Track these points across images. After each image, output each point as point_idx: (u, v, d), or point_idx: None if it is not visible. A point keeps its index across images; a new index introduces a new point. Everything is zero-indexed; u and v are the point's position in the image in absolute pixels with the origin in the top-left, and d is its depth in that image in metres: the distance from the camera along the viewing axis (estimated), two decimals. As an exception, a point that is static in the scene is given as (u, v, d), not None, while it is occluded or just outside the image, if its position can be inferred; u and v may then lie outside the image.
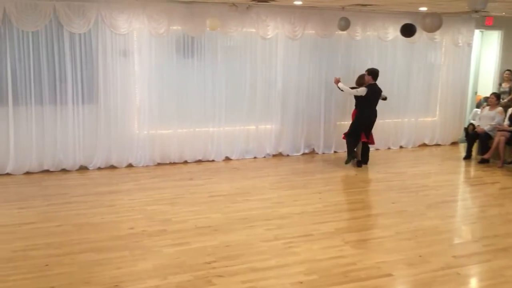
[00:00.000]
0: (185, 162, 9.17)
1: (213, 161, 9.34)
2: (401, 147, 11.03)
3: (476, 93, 12.19)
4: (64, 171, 8.37)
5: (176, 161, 9.11)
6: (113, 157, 8.66)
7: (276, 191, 7.59)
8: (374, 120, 9.14)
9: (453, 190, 8.23)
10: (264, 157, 9.77)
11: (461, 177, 9.22)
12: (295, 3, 8.64)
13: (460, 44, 11.05)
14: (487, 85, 11.91)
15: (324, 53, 9.88)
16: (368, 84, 8.99)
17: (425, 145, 11.34)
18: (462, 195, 8.10)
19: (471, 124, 10.34)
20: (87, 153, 8.50)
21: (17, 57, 7.81)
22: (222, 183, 7.95)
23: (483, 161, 9.67)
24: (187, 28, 8.72)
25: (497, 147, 9.45)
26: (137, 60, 8.62)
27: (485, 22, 11.17)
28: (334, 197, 7.48)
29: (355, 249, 5.39)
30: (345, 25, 9.02)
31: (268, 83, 9.59)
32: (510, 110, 9.87)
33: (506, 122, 9.74)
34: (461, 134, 11.49)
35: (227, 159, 9.50)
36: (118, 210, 6.54)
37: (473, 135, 10.03)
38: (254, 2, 8.71)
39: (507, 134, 9.42)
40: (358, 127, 9.10)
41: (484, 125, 9.86)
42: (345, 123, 9.81)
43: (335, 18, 9.24)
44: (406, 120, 10.95)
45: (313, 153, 10.21)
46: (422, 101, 11.04)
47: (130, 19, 8.33)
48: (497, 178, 8.71)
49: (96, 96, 8.41)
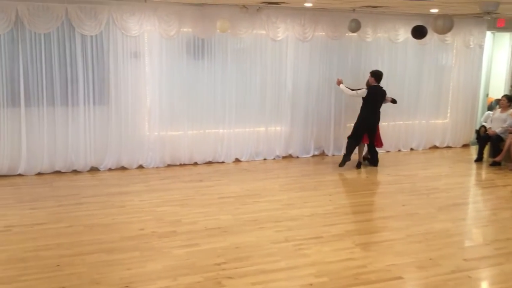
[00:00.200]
0: (195, 164, 9.19)
1: (223, 162, 9.36)
2: (411, 149, 10.98)
3: (487, 95, 12.11)
4: (75, 172, 8.42)
5: (186, 163, 9.14)
6: (123, 158, 8.71)
7: (286, 192, 7.58)
8: (376, 122, 9.07)
9: (464, 192, 8.18)
10: (274, 158, 9.76)
11: (472, 179, 9.16)
12: (305, 5, 8.64)
13: (472, 46, 10.98)
14: (498, 87, 11.84)
15: (334, 55, 9.86)
16: (370, 86, 8.95)
17: (436, 147, 11.27)
18: (473, 198, 8.04)
19: (483, 126, 10.26)
20: (98, 154, 8.55)
21: (29, 58, 7.88)
22: (232, 184, 7.96)
23: (494, 164, 9.59)
24: (197, 30, 8.75)
25: (508, 150, 9.37)
26: (147, 62, 8.65)
27: (496, 24, 11.09)
28: (344, 199, 7.46)
29: (365, 251, 5.37)
30: (355, 26, 9.00)
31: (278, 85, 9.58)
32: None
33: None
34: (473, 137, 11.42)
35: (237, 160, 9.51)
36: (129, 211, 6.57)
37: (484, 138, 9.95)
38: (264, 4, 8.72)
39: (519, 137, 9.35)
40: (359, 129, 9.06)
41: (495, 127, 9.78)
42: (355, 125, 9.79)
43: (346, 19, 9.22)
44: (417, 122, 10.88)
45: (323, 155, 10.18)
46: (433, 103, 10.98)
47: (141, 21, 8.37)
48: (509, 181, 8.63)
49: (107, 98, 8.46)
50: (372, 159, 9.33)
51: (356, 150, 9.25)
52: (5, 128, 7.94)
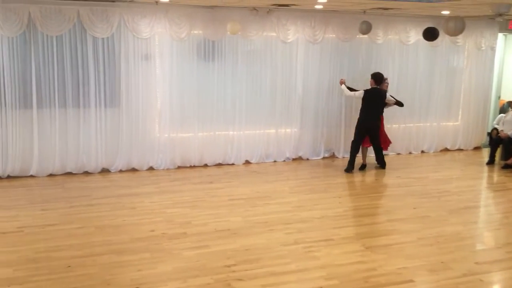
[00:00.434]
0: (205, 166, 9.21)
1: (233, 164, 9.37)
2: (422, 151, 10.91)
3: (499, 97, 12.01)
4: (86, 173, 8.47)
5: (196, 165, 9.16)
6: (134, 160, 8.75)
7: (296, 195, 7.58)
8: (374, 125, 8.91)
9: (476, 195, 8.12)
10: (284, 161, 9.75)
11: (484, 182, 9.09)
12: (316, 7, 8.63)
13: (483, 48, 10.91)
14: (510, 89, 11.74)
15: (344, 57, 9.84)
16: (369, 88, 8.90)
17: (447, 150, 11.19)
18: (485, 201, 7.98)
19: (495, 129, 10.18)
20: (109, 156, 8.59)
21: (42, 60, 7.94)
22: (242, 186, 7.96)
23: (506, 167, 9.50)
24: (208, 32, 8.77)
25: (521, 152, 9.30)
26: (158, 64, 8.69)
27: (508, 25, 11.00)
28: (354, 202, 7.44)
29: (375, 254, 5.34)
30: (366, 28, 8.96)
31: (288, 87, 9.58)
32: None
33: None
34: (484, 139, 11.34)
35: (247, 162, 9.51)
36: (139, 212, 6.59)
37: (496, 140, 9.87)
38: (274, 6, 8.72)
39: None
40: (358, 132, 9.00)
41: (508, 130, 9.70)
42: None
43: (356, 21, 9.19)
44: (428, 124, 10.82)
45: (333, 157, 10.16)
46: (444, 105, 10.91)
47: (152, 23, 8.41)
48: (521, 184, 8.58)
49: (118, 100, 8.51)
50: (377, 162, 9.23)
51: (360, 153, 9.21)
52: (17, 130, 8.00)
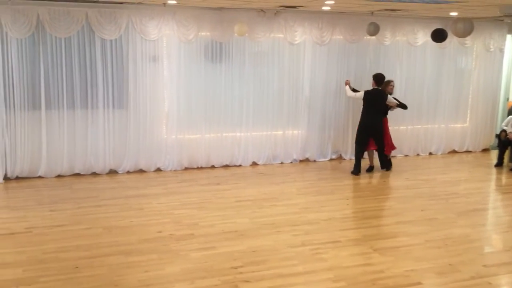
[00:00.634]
0: (212, 167, 9.22)
1: (240, 166, 9.37)
2: (430, 153, 10.87)
3: (508, 99, 11.94)
4: (94, 174, 8.51)
5: (204, 166, 9.17)
6: (142, 161, 8.77)
7: (303, 196, 7.57)
8: (376, 126, 8.82)
9: (484, 198, 8.07)
10: (291, 162, 9.75)
11: (492, 184, 9.04)
12: (323, 8, 8.62)
13: (492, 49, 10.85)
14: (519, 91, 11.68)
15: (352, 58, 9.82)
16: (370, 89, 8.85)
17: (455, 151, 11.14)
18: (493, 203, 7.93)
19: (503, 130, 10.12)
20: (116, 157, 8.63)
21: (50, 62, 7.99)
22: (249, 188, 7.97)
23: (515, 169, 9.47)
24: (215, 34, 8.79)
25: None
26: (166, 66, 8.72)
27: (517, 27, 10.96)
28: (362, 204, 7.42)
29: (383, 256, 5.33)
30: (374, 30, 8.94)
31: (295, 88, 9.58)
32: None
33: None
34: (493, 141, 11.28)
35: (254, 164, 9.52)
36: (147, 213, 6.61)
37: (505, 142, 9.81)
38: (282, 8, 8.72)
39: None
40: (359, 133, 8.96)
41: (516, 131, 9.67)
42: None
43: (364, 23, 9.17)
44: (436, 126, 10.78)
45: (340, 159, 10.14)
46: (452, 107, 10.87)
47: (160, 25, 8.44)
48: (530, 186, 8.53)
49: (126, 101, 8.54)
50: (381, 164, 9.16)
51: (366, 155, 9.19)
52: (26, 131, 8.05)
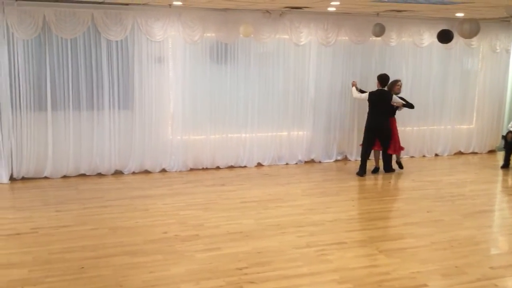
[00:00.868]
0: (218, 168, 9.22)
1: (245, 167, 9.37)
2: (436, 155, 10.84)
3: (514, 100, 11.89)
4: (100, 175, 8.52)
5: (209, 167, 9.17)
6: (147, 162, 8.78)
7: (309, 197, 7.55)
8: (381, 127, 8.78)
9: (490, 199, 8.03)
10: (296, 163, 9.74)
11: (498, 186, 8.99)
12: (328, 9, 8.61)
13: (498, 50, 10.81)
14: (525, 92, 11.61)
15: (357, 59, 9.80)
16: (375, 90, 8.84)
17: (461, 153, 11.11)
18: (499, 205, 7.89)
19: (510, 132, 10.07)
20: (122, 157, 8.64)
21: (56, 63, 8.01)
22: (254, 189, 7.96)
23: (521, 170, 9.43)
24: (221, 35, 8.80)
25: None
26: (171, 67, 8.73)
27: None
28: (367, 205, 7.39)
29: (389, 258, 5.31)
30: (379, 31, 8.91)
31: (301, 89, 9.56)
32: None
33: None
34: (499, 142, 11.22)
35: (259, 165, 9.51)
36: (152, 214, 6.62)
37: (511, 143, 9.76)
38: (287, 9, 8.72)
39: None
40: (366, 134, 8.95)
41: (523, 133, 9.62)
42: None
43: (369, 24, 9.15)
44: (442, 127, 10.74)
45: (345, 160, 10.12)
46: (458, 108, 10.83)
47: (166, 26, 8.45)
48: (537, 188, 8.48)
49: (131, 102, 8.56)
50: (384, 164, 9.12)
51: (372, 156, 9.17)
52: (32, 132, 8.07)
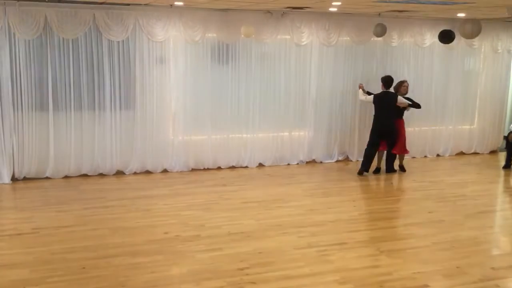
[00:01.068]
0: (219, 168, 9.22)
1: (246, 167, 9.36)
2: (438, 155, 10.82)
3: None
4: (101, 175, 8.52)
5: (210, 167, 9.17)
6: (148, 162, 8.78)
7: (310, 198, 7.55)
8: (388, 128, 8.79)
9: (492, 200, 8.02)
10: (298, 163, 9.73)
11: (500, 186, 8.97)
12: (330, 9, 8.61)
13: (500, 51, 10.80)
14: (527, 93, 11.60)
15: (359, 59, 9.80)
16: (380, 92, 8.86)
17: (462, 153, 11.09)
18: (501, 205, 7.88)
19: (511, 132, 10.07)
20: (123, 158, 8.64)
21: (58, 63, 8.02)
22: (256, 189, 7.96)
23: (523, 171, 9.41)
24: (222, 35, 8.80)
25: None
26: (173, 67, 8.73)
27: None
28: (369, 205, 7.39)
29: (390, 258, 5.30)
30: (381, 31, 8.91)
31: (302, 89, 9.56)
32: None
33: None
34: (501, 143, 11.21)
35: (261, 165, 9.51)
36: (153, 214, 6.62)
37: (513, 144, 9.76)
38: (288, 9, 8.71)
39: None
40: (371, 136, 8.97)
41: (525, 133, 9.60)
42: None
43: (371, 24, 9.14)
44: (444, 127, 10.73)
45: (347, 160, 10.11)
46: (460, 108, 10.82)
47: (167, 26, 8.45)
48: (539, 188, 8.47)
49: (133, 102, 8.56)
50: (386, 164, 9.11)
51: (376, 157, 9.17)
52: (33, 132, 8.08)
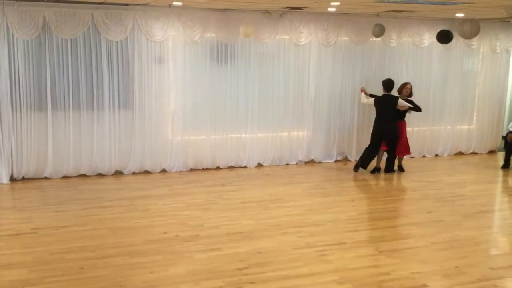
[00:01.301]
0: (218, 168, 9.22)
1: (245, 167, 9.37)
2: (436, 155, 10.83)
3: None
4: (100, 175, 8.52)
5: (209, 167, 9.17)
6: (147, 162, 8.78)
7: (309, 198, 7.55)
8: (388, 131, 8.83)
9: (491, 200, 8.03)
10: (296, 163, 9.73)
11: (498, 186, 8.98)
12: (328, 10, 8.61)
13: (498, 51, 10.81)
14: (526, 93, 11.62)
15: (357, 60, 9.80)
16: (380, 95, 8.95)
17: (461, 153, 11.10)
18: (499, 205, 7.88)
19: (510, 132, 10.06)
20: (122, 158, 8.64)
21: (56, 63, 8.01)
22: (254, 189, 7.96)
23: (522, 171, 9.42)
24: (221, 35, 8.80)
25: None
26: (171, 67, 8.73)
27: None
28: (368, 205, 7.39)
29: (389, 258, 5.30)
30: (379, 31, 8.92)
31: (301, 89, 9.56)
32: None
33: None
34: (499, 143, 11.22)
35: (259, 165, 9.51)
36: (152, 214, 6.62)
37: (511, 144, 9.76)
38: (287, 9, 8.72)
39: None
40: (372, 138, 9.06)
41: (523, 133, 9.61)
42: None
43: (369, 24, 9.15)
44: (442, 128, 10.74)
45: (345, 160, 10.12)
46: (458, 108, 10.83)
47: (166, 26, 8.45)
48: (537, 188, 8.47)
49: (131, 102, 8.55)
50: (386, 165, 9.14)
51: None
52: (32, 132, 8.07)
